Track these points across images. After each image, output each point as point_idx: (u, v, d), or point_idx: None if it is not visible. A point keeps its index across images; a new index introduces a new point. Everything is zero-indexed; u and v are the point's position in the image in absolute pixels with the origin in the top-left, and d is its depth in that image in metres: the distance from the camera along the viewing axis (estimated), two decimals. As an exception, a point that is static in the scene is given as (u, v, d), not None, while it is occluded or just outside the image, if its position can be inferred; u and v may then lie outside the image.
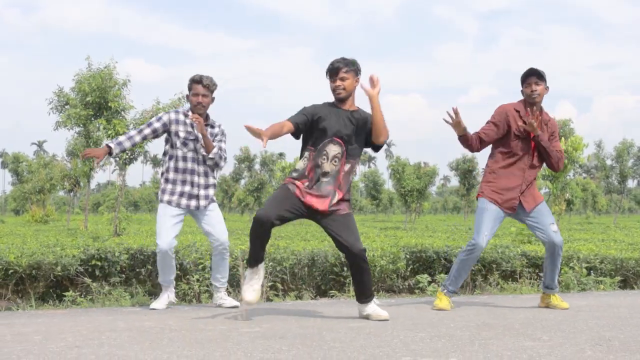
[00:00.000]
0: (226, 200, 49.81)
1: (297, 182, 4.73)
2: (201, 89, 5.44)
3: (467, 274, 5.46)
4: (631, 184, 45.12)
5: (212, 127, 5.60)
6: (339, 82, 4.75)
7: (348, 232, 4.64)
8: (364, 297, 4.76)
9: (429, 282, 7.65)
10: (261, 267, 4.78)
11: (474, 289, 8.52)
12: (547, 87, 5.44)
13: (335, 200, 4.69)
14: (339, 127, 4.74)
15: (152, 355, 3.44)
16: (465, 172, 37.26)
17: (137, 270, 8.75)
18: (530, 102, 5.41)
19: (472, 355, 3.40)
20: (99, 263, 8.66)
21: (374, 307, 4.76)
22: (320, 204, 4.66)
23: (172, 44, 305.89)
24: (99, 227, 23.19)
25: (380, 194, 48.31)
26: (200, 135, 5.44)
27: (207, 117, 5.57)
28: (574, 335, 3.97)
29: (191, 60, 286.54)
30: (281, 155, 58.12)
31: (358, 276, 4.72)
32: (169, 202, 5.45)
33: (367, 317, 4.73)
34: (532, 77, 5.38)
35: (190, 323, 4.55)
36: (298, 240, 11.03)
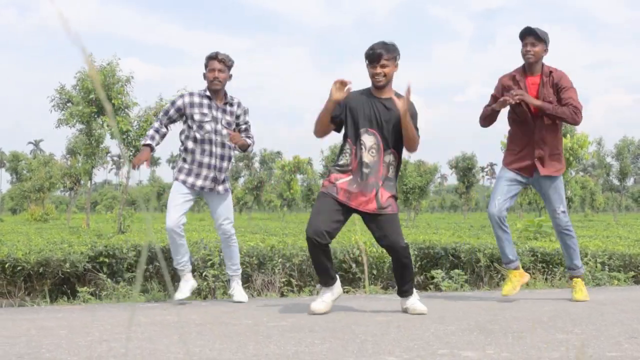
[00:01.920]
0: (225, 199, 49.66)
1: (340, 182, 4.60)
2: (217, 64, 5.43)
3: (505, 242, 5.30)
4: (629, 182, 45.10)
5: (231, 105, 5.59)
6: (379, 70, 4.57)
7: (392, 230, 4.54)
8: (403, 291, 4.73)
9: (443, 278, 7.59)
10: (337, 285, 4.74)
11: (483, 285, 8.50)
12: (547, 48, 5.27)
13: (382, 198, 4.55)
14: (370, 116, 4.61)
15: (184, 348, 3.38)
16: (464, 170, 37.18)
17: (145, 266, 8.71)
18: (525, 62, 5.29)
19: (509, 348, 3.35)
20: (107, 260, 8.61)
21: (413, 301, 4.71)
22: (368, 205, 4.54)
23: (170, 44, 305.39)
24: (100, 225, 23.09)
25: (379, 193, 48.17)
26: (219, 117, 5.47)
27: (225, 95, 5.56)
28: (606, 328, 3.93)
29: (189, 60, 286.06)
30: (279, 153, 58.08)
31: (399, 270, 4.68)
32: (184, 182, 5.43)
33: (405, 310, 4.70)
34: (529, 36, 5.23)
35: (213, 317, 4.49)
36: (305, 238, 10.98)
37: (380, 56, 4.55)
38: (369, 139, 4.59)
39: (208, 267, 7.70)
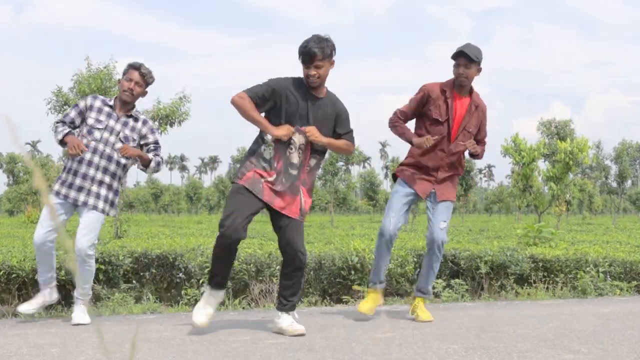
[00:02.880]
0: (223, 201, 49.64)
1: (266, 181, 4.30)
2: (137, 75, 5.04)
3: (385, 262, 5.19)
4: (627, 184, 45.21)
5: (136, 120, 5.11)
6: (313, 71, 4.26)
7: (299, 237, 4.34)
8: (287, 305, 4.40)
9: (444, 287, 7.48)
10: (223, 293, 4.50)
11: (482, 293, 8.40)
12: (480, 68, 5.05)
13: (305, 205, 4.38)
14: (306, 115, 4.33)
15: (180, 370, 3.28)
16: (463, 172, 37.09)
17: (141, 273, 8.60)
18: (458, 84, 5.05)
19: (515, 370, 3.25)
20: (102, 267, 8.50)
21: (291, 321, 4.36)
22: (291, 208, 4.30)
23: (165, 43, 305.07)
24: (96, 228, 22.89)
25: (377, 195, 48.16)
26: (115, 128, 5.00)
27: (132, 108, 5.13)
28: (614, 348, 3.83)
29: (185, 59, 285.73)
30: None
31: (293, 280, 4.40)
32: (57, 194, 4.92)
33: (281, 332, 4.32)
34: (461, 58, 4.98)
35: (211, 334, 4.37)
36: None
37: (314, 56, 4.24)
38: (299, 139, 4.34)
39: (205, 274, 7.59)
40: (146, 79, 5.09)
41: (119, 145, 4.99)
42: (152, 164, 5.04)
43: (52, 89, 15.88)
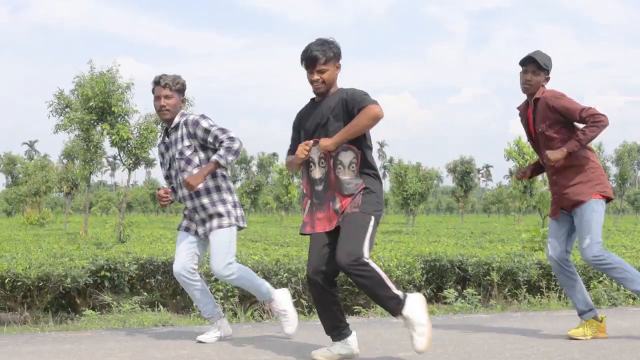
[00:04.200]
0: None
1: (304, 216, 4.07)
2: (162, 90, 4.68)
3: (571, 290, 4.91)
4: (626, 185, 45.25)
5: (176, 128, 4.73)
6: (316, 76, 3.95)
7: (343, 244, 3.77)
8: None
9: (456, 298, 7.39)
10: (350, 341, 4.00)
11: (490, 299, 8.34)
12: (549, 77, 4.85)
13: (338, 205, 3.90)
14: (310, 127, 4.05)
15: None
16: (463, 174, 37.11)
17: (147, 280, 8.52)
18: (523, 91, 4.87)
19: (548, 395, 3.18)
20: (108, 274, 8.44)
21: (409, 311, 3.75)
22: (331, 223, 3.93)
23: (165, 43, 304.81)
24: (97, 230, 22.85)
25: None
26: (174, 154, 4.74)
27: (171, 121, 4.76)
28: (644, 368, 3.75)
29: (185, 59, 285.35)
30: (274, 155, 57.64)
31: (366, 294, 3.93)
32: (187, 229, 4.82)
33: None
34: (531, 64, 4.79)
35: (229, 352, 4.29)
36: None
37: (315, 60, 3.92)
38: (314, 151, 4.01)
39: (212, 281, 7.50)
40: (172, 87, 4.70)
41: (184, 164, 4.69)
42: (222, 162, 4.52)
43: (54, 92, 15.86)
